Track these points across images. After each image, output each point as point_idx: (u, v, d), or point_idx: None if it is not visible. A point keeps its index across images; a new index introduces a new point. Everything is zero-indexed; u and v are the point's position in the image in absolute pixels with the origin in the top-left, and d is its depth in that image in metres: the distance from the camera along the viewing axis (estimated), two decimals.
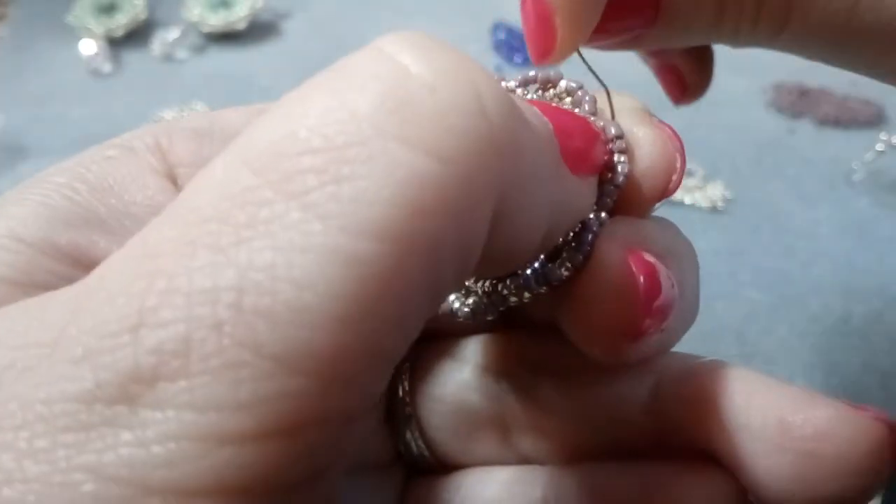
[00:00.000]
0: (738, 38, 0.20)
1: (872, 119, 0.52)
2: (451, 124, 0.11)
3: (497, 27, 0.60)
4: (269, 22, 0.62)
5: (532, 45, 0.18)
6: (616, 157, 0.16)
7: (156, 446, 0.10)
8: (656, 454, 0.17)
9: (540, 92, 0.18)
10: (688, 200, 0.46)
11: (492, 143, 0.11)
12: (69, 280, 0.12)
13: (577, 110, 0.17)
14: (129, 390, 0.10)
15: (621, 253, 0.16)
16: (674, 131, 0.17)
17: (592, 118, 0.17)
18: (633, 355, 0.16)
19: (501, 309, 0.17)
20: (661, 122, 0.18)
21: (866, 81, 0.21)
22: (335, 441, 0.11)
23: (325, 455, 0.11)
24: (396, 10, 0.64)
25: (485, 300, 0.17)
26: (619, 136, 0.17)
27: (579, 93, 0.17)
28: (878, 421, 0.15)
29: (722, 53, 0.27)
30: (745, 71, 0.55)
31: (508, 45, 0.58)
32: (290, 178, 0.10)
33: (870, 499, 0.15)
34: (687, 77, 0.26)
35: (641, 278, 0.15)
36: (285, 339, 0.10)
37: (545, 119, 0.14)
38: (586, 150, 0.16)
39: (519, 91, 0.18)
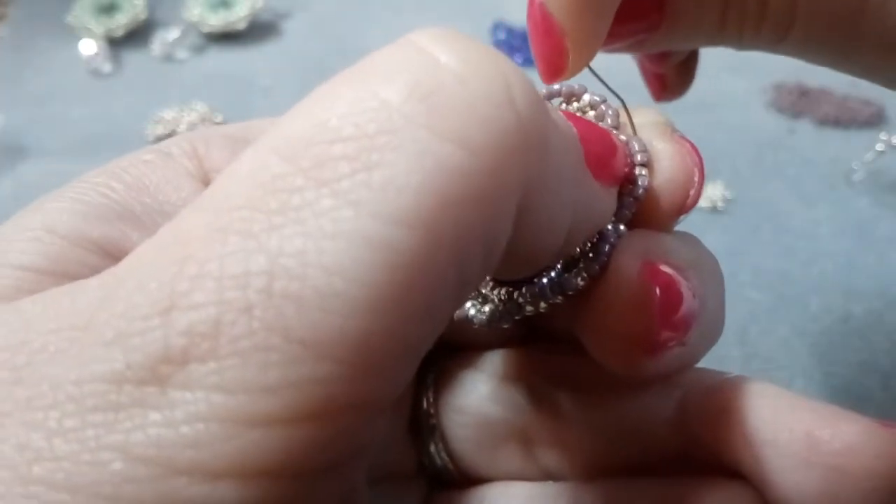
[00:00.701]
0: (741, 42, 0.20)
1: (872, 119, 0.52)
2: (480, 114, 0.11)
3: (497, 27, 0.60)
4: (269, 22, 0.62)
5: (543, 65, 0.19)
6: (637, 171, 0.16)
7: (184, 427, 0.10)
8: (680, 470, 0.17)
9: (564, 105, 0.18)
10: None
11: (520, 135, 0.11)
12: (101, 272, 0.12)
13: (600, 124, 0.17)
14: (159, 371, 0.10)
15: (637, 263, 0.16)
16: (693, 146, 0.17)
17: (615, 131, 0.17)
18: (653, 369, 0.16)
19: (517, 317, 0.17)
20: (681, 136, 0.18)
21: (866, 82, 0.21)
22: (362, 429, 0.11)
23: (351, 442, 0.11)
24: (396, 10, 0.64)
25: (501, 308, 0.17)
26: (642, 150, 0.17)
27: (602, 106, 0.17)
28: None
29: (722, 54, 0.27)
30: (745, 71, 0.55)
31: (508, 45, 0.58)
32: (322, 165, 0.11)
33: None
34: (669, 78, 0.26)
35: (657, 290, 0.15)
36: (314, 324, 0.10)
37: (570, 123, 0.15)
38: (607, 160, 0.16)
39: None
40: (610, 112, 0.17)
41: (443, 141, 0.11)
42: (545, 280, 0.17)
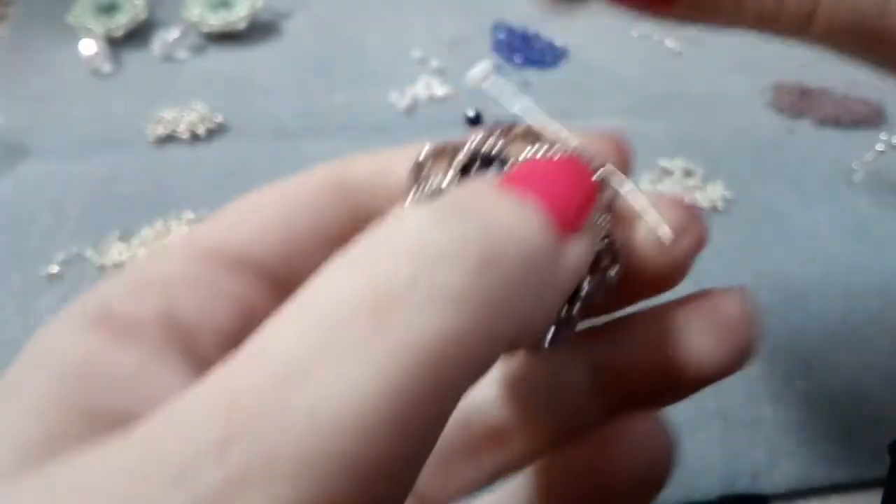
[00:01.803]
0: (763, 24, 0.20)
1: (872, 119, 0.52)
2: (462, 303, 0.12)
3: (497, 27, 0.60)
4: (269, 22, 0.62)
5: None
6: (597, 176, 0.16)
7: None
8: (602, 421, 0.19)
9: (502, 140, 0.17)
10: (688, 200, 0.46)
11: (502, 313, 0.12)
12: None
13: (547, 148, 0.16)
14: None
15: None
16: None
17: (566, 149, 0.16)
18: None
19: (576, 329, 0.17)
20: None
21: (866, 81, 0.21)
22: None
23: None
24: (396, 10, 0.64)
25: (565, 328, 0.17)
26: (601, 164, 0.16)
27: (547, 131, 0.17)
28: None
29: (722, 53, 0.27)
30: (745, 71, 0.55)
31: (508, 45, 0.58)
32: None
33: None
34: None
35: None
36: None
37: (531, 207, 0.14)
38: (580, 212, 0.15)
39: (484, 144, 0.17)
40: (550, 131, 0.17)
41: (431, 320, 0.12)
42: (587, 286, 0.16)
